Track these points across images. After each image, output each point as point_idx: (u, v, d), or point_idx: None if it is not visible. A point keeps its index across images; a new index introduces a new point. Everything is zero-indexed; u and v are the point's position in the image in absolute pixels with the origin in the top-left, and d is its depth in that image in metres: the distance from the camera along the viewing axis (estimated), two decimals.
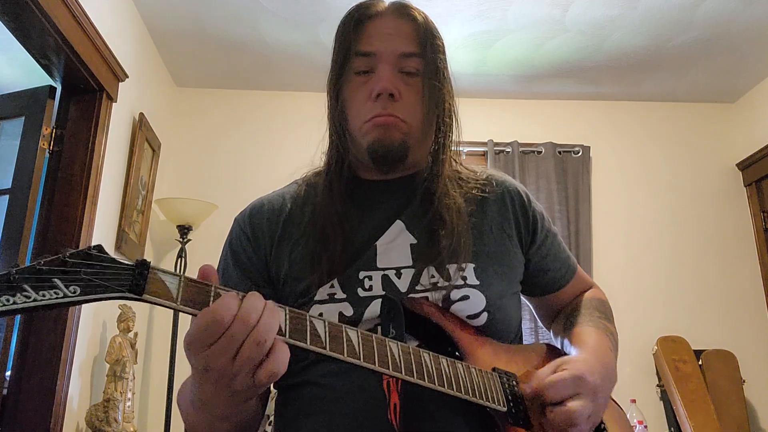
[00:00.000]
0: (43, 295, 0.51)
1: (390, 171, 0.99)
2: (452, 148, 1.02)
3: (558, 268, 1.09)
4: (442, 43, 1.01)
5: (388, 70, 0.94)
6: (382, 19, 0.99)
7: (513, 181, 1.10)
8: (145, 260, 0.58)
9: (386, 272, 0.92)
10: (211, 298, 0.63)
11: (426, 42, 0.97)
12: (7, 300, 0.49)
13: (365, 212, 0.98)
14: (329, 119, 1.02)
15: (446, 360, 0.78)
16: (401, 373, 0.72)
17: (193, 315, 0.62)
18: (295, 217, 0.99)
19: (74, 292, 0.53)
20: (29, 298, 0.50)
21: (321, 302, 0.89)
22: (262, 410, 0.89)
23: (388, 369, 0.71)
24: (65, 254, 0.54)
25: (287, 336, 0.65)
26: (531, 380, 0.83)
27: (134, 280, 0.57)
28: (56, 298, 0.52)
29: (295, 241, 0.96)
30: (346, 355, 0.68)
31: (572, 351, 0.95)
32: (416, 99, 0.95)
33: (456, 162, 1.06)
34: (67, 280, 0.53)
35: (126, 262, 0.58)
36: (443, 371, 0.76)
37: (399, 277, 0.91)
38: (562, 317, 1.09)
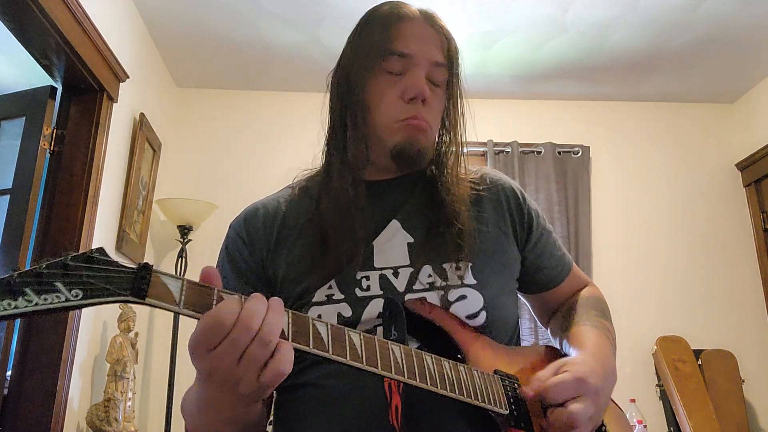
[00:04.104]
0: (45, 299, 0.51)
1: (407, 171, 1.02)
2: (460, 150, 1.04)
3: (554, 266, 1.09)
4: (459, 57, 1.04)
5: (422, 75, 0.96)
6: (417, 23, 1.00)
7: (508, 179, 1.10)
8: (147, 264, 0.58)
9: (383, 272, 0.92)
10: (214, 301, 0.63)
11: (452, 54, 1.00)
12: (9, 304, 0.49)
13: (362, 212, 0.98)
14: (350, 115, 0.99)
15: (448, 363, 0.78)
16: (404, 376, 0.72)
17: (196, 318, 0.62)
18: (290, 221, 0.99)
19: (76, 296, 0.52)
20: (31, 302, 0.50)
21: (319, 303, 0.89)
22: (267, 414, 0.89)
23: (391, 372, 0.71)
24: (67, 257, 0.53)
25: (290, 339, 0.65)
26: (532, 382, 0.83)
27: (136, 284, 0.57)
28: (58, 302, 0.51)
29: (292, 244, 0.97)
30: (349, 358, 0.68)
31: (571, 351, 0.95)
32: (438, 107, 1.00)
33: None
34: (69, 283, 0.52)
35: (128, 266, 0.58)
36: (445, 374, 0.76)
37: (396, 277, 0.91)
38: (560, 316, 1.09)
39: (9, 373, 2.10)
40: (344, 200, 0.95)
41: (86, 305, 0.54)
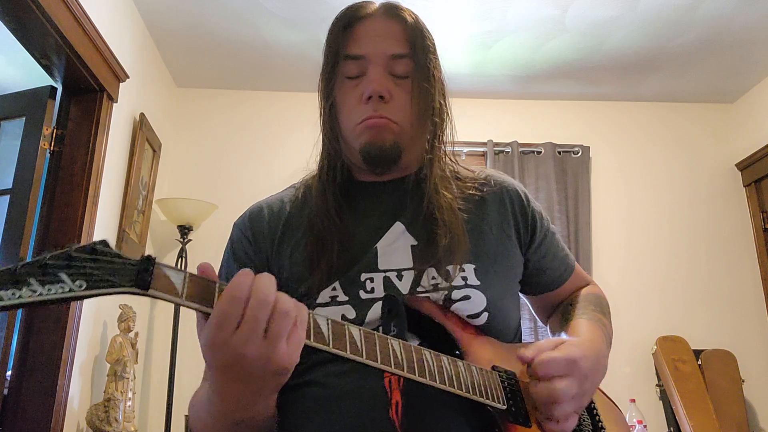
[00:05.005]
0: (49, 289, 0.50)
1: (384, 172, 0.99)
2: (445, 148, 1.02)
3: (556, 267, 1.09)
4: (433, 44, 1.01)
5: (378, 72, 0.95)
6: (372, 20, 0.99)
7: (512, 180, 1.10)
8: (150, 256, 0.58)
9: (387, 274, 0.92)
10: (216, 293, 0.63)
11: (416, 43, 0.97)
12: (13, 294, 0.49)
13: (363, 214, 0.98)
14: (322, 123, 1.02)
15: (447, 358, 0.78)
16: (403, 370, 0.72)
17: (198, 311, 0.62)
18: (294, 220, 1.00)
19: (80, 287, 0.52)
20: (35, 292, 0.50)
21: (323, 305, 0.90)
22: (276, 416, 0.89)
23: (390, 366, 0.71)
24: (71, 249, 0.53)
25: None
26: (531, 348, 0.85)
27: (140, 275, 0.57)
28: (62, 292, 0.51)
29: (295, 244, 0.97)
30: (348, 352, 0.68)
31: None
32: (407, 100, 0.95)
33: (452, 161, 1.06)
34: (73, 274, 0.52)
35: (132, 258, 0.58)
36: (444, 369, 0.77)
37: (400, 279, 0.91)
38: (559, 312, 1.10)
39: (9, 373, 2.10)
40: (337, 203, 0.96)
41: (90, 296, 0.54)
